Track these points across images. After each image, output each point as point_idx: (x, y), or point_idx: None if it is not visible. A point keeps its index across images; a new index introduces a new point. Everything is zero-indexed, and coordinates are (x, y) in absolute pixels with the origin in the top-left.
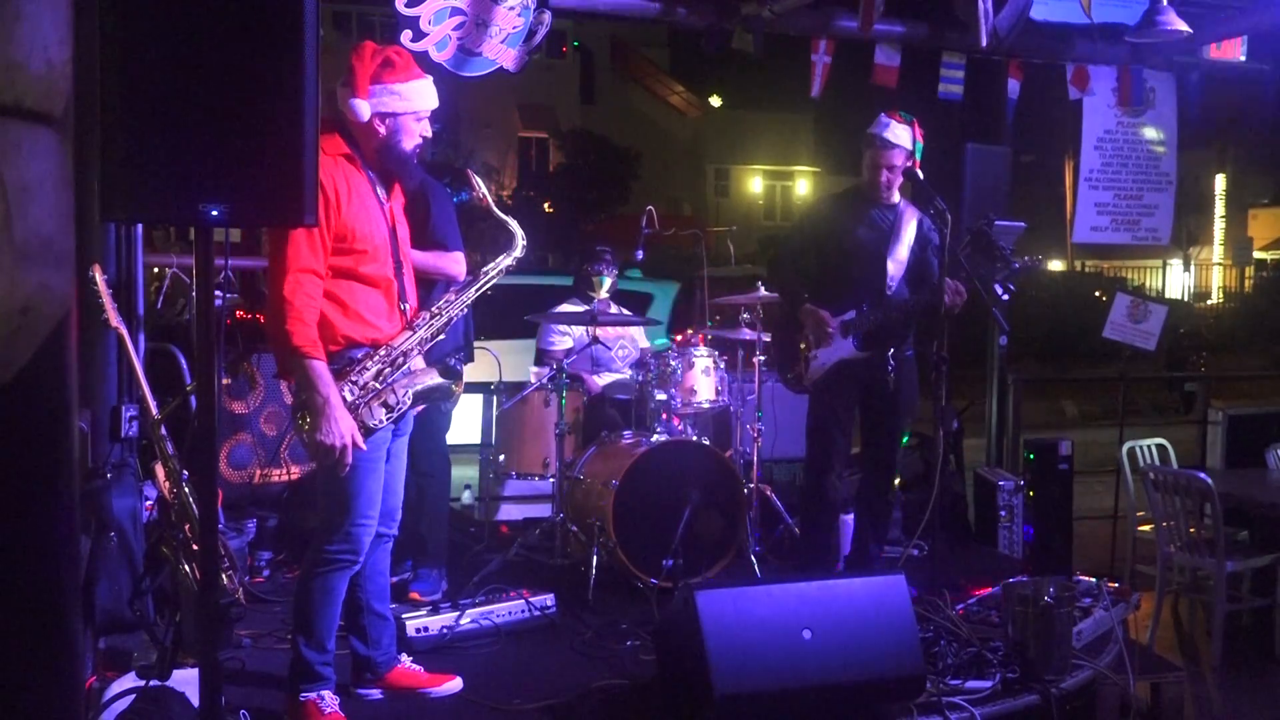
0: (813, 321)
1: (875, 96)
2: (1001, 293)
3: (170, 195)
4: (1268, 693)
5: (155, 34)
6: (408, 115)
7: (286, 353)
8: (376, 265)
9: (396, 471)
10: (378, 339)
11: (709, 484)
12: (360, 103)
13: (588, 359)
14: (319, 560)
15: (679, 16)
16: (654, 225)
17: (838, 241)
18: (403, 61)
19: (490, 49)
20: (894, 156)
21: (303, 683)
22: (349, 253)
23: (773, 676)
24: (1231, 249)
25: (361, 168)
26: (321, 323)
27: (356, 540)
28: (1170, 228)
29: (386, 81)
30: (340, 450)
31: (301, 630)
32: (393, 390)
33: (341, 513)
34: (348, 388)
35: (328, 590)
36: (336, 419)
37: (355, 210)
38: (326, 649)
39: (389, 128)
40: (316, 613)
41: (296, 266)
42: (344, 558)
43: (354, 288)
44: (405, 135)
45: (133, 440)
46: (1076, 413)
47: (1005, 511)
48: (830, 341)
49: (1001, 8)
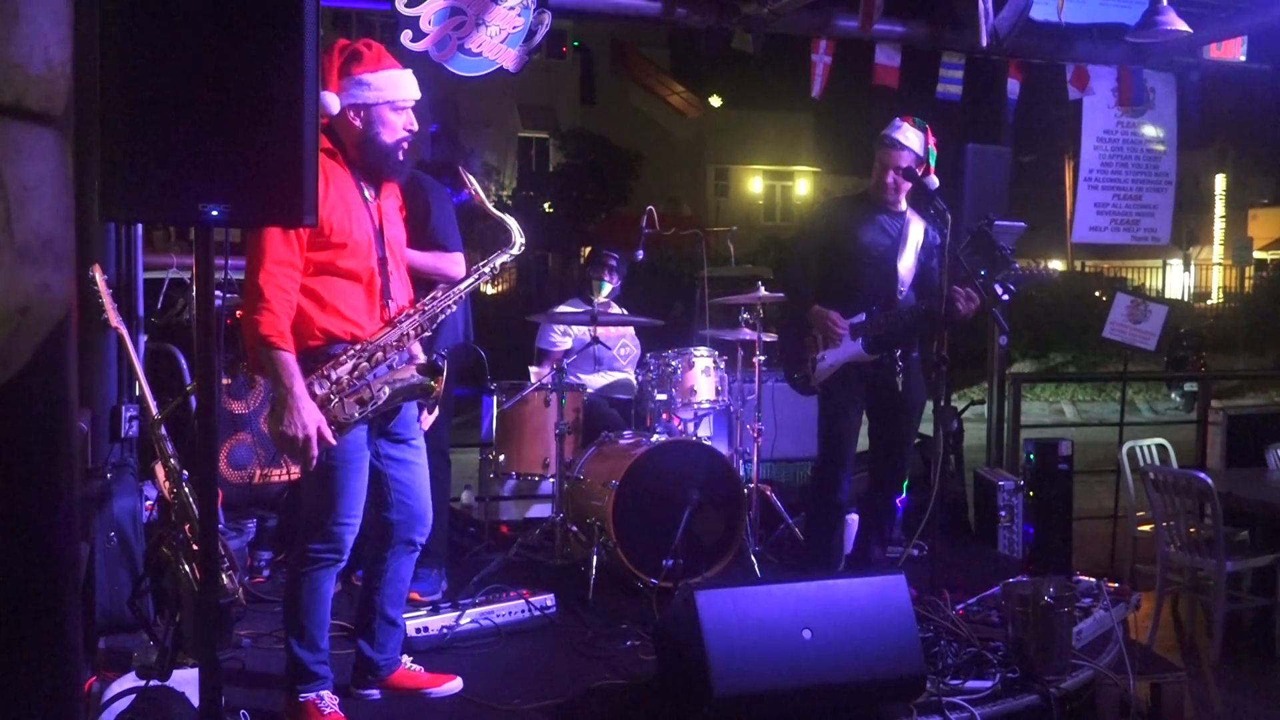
0: (822, 323)
1: (875, 96)
2: (1001, 293)
3: (170, 195)
4: (1268, 693)
5: (155, 34)
6: (382, 106)
7: (255, 342)
8: (356, 260)
9: (419, 478)
10: (357, 334)
11: (709, 484)
12: (329, 95)
13: (589, 359)
14: (303, 559)
15: (679, 16)
16: (654, 225)
17: (847, 246)
18: (372, 54)
19: (490, 49)
20: (901, 158)
21: (299, 683)
22: (326, 247)
23: (772, 676)
24: (1231, 249)
25: (344, 164)
26: (300, 317)
27: (339, 539)
28: (1169, 228)
29: (355, 74)
30: (304, 442)
31: (293, 631)
32: (369, 386)
33: (323, 511)
34: (318, 382)
35: (313, 590)
36: (299, 410)
37: (333, 204)
38: (320, 648)
39: (364, 120)
40: (305, 612)
41: (271, 259)
42: (326, 556)
43: (332, 282)
44: (383, 127)
45: (133, 440)
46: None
47: (1005, 511)
48: (839, 343)
49: (1001, 8)
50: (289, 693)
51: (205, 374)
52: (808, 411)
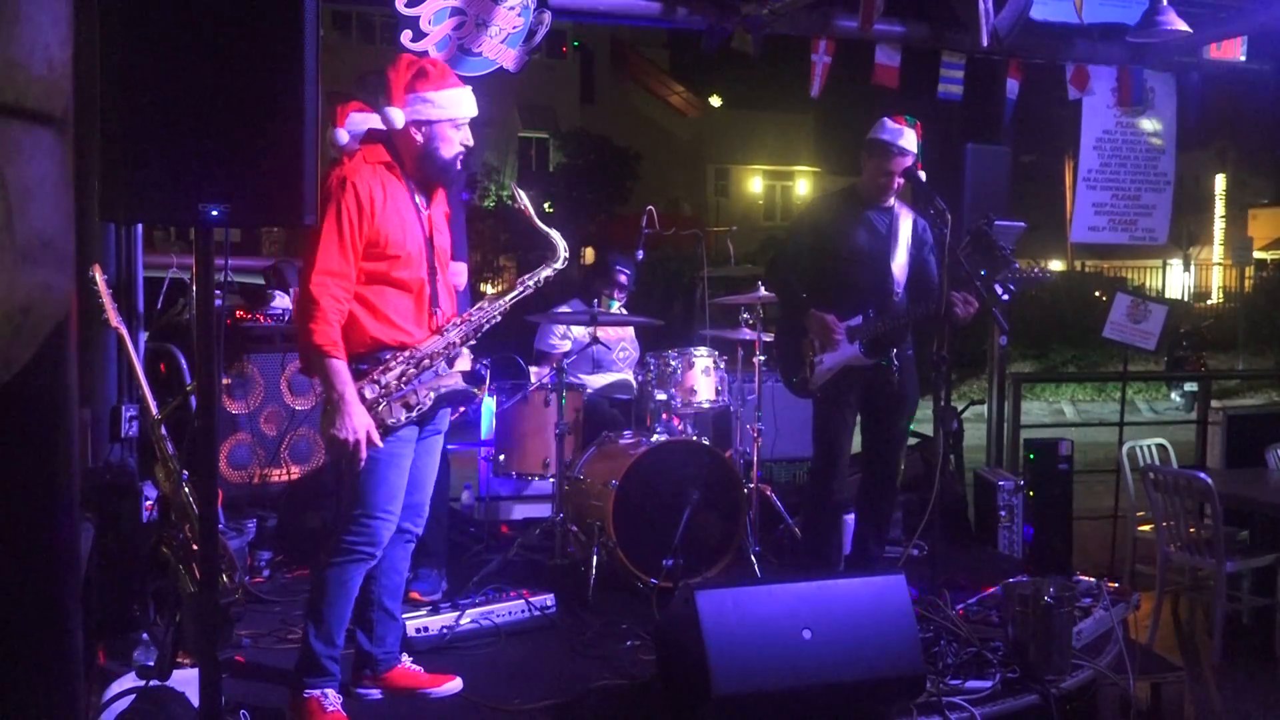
0: (819, 327)
1: (875, 96)
2: (1001, 293)
3: (170, 195)
4: (1268, 693)
5: (155, 34)
6: (444, 123)
7: (308, 350)
8: (409, 271)
9: (428, 469)
10: (405, 342)
11: (709, 484)
12: (394, 111)
13: (587, 360)
14: (336, 550)
15: (679, 17)
16: (654, 225)
17: (837, 246)
18: (437, 71)
19: (490, 49)
20: (903, 163)
21: (308, 675)
22: (381, 258)
23: (772, 676)
24: (1231, 249)
25: (401, 176)
26: (351, 324)
27: (374, 533)
28: (1167, 228)
29: (420, 90)
30: (354, 445)
31: (312, 620)
32: (415, 392)
33: (359, 504)
34: (369, 386)
35: (342, 582)
36: (350, 415)
37: (389, 217)
38: (335, 643)
39: (425, 135)
40: (329, 603)
41: (324, 268)
42: (361, 549)
43: (385, 292)
44: (443, 143)
45: (133, 440)
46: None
47: (1005, 511)
48: (836, 346)
49: (1001, 8)
50: (294, 685)
51: (205, 374)
52: (806, 412)
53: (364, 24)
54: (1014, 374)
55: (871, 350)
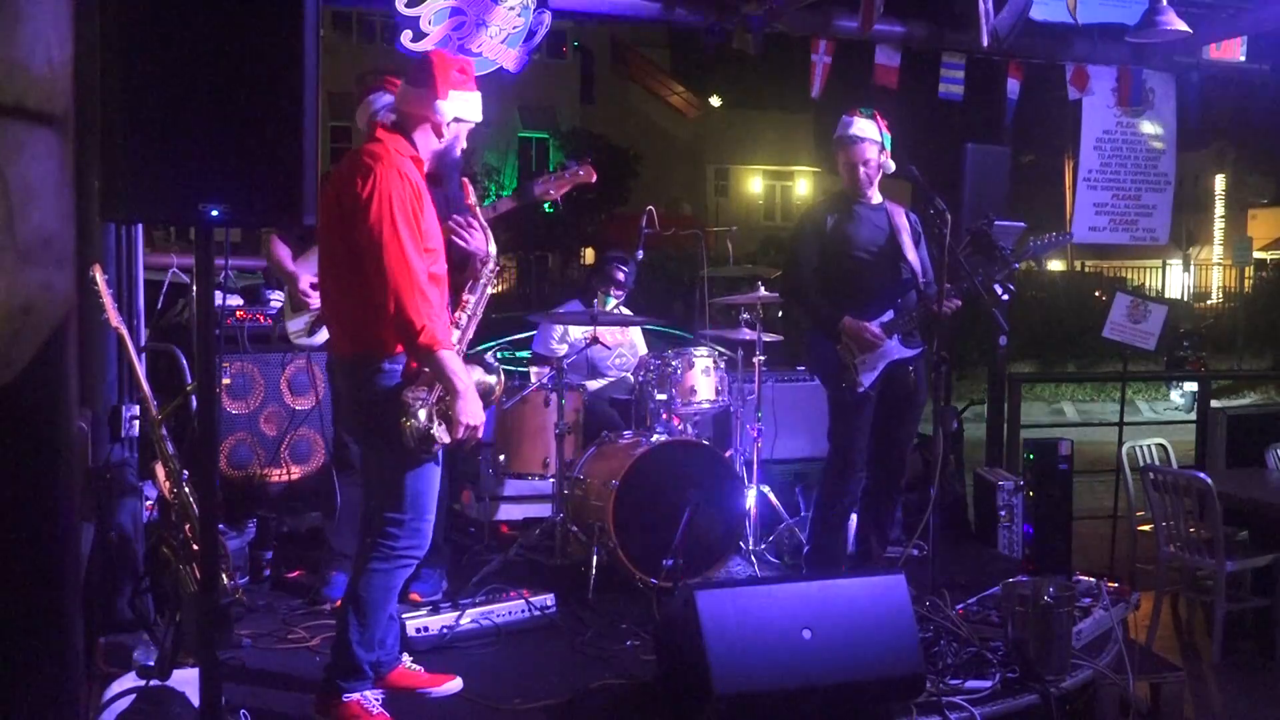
0: (858, 335)
1: (875, 97)
2: (1001, 293)
3: (170, 195)
4: (1268, 692)
5: (155, 34)
6: (469, 123)
7: (414, 351)
8: (440, 265)
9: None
10: None
11: (709, 484)
12: (444, 104)
13: (584, 365)
14: (388, 555)
15: (679, 16)
16: (654, 225)
17: (845, 245)
18: (470, 73)
19: (490, 49)
20: (865, 150)
21: (345, 679)
22: (426, 252)
23: (773, 676)
24: (1231, 249)
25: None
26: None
27: (425, 537)
28: (1168, 228)
29: (459, 88)
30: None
31: (357, 624)
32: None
33: (412, 509)
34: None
35: (390, 587)
36: (477, 401)
37: (427, 211)
38: (374, 646)
39: (453, 133)
40: (375, 608)
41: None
42: (413, 554)
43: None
44: (460, 143)
45: (133, 440)
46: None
47: (1005, 511)
48: (877, 346)
49: (1001, 8)
50: (327, 690)
51: (205, 374)
52: (806, 412)
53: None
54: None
55: (910, 341)
